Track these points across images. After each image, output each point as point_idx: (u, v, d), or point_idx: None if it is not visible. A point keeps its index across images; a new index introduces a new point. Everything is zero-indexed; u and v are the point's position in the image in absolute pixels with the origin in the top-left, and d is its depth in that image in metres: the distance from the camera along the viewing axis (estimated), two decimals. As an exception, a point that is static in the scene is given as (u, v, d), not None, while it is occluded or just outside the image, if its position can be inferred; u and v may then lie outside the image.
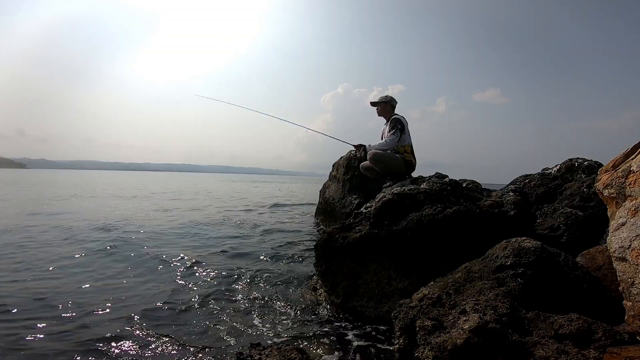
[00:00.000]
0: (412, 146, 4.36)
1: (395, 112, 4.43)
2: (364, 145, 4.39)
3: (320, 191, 8.09)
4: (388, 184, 4.35)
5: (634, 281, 1.58)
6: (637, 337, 1.55)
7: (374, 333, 2.75)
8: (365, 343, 2.61)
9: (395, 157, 4.28)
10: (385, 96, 4.42)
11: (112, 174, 75.89)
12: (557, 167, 4.94)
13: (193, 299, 3.41)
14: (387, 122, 4.36)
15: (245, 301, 3.42)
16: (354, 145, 4.43)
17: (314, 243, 3.58)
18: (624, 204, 1.69)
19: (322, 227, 7.14)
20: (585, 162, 4.71)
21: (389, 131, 4.23)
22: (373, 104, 4.51)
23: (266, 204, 12.64)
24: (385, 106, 4.40)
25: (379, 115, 4.47)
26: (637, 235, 1.57)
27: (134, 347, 2.48)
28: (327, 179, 7.88)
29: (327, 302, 3.26)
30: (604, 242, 2.58)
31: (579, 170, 4.65)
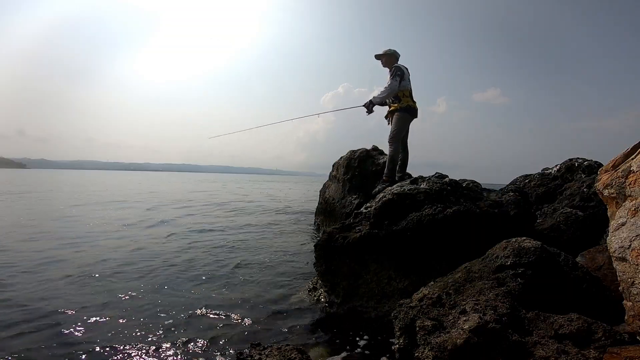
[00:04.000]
0: (410, 91, 4.57)
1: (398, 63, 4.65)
2: (370, 99, 4.54)
3: (320, 191, 8.08)
4: (381, 186, 4.34)
5: (634, 281, 1.58)
6: (637, 337, 1.55)
7: (373, 333, 2.75)
8: (365, 343, 2.61)
9: (396, 148, 4.49)
10: (389, 49, 4.63)
11: (112, 174, 75.99)
12: (557, 167, 4.94)
13: (192, 299, 3.41)
14: (389, 71, 4.59)
15: (245, 301, 3.42)
16: (363, 105, 4.55)
17: (314, 243, 3.58)
18: (624, 204, 1.69)
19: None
20: (585, 162, 4.72)
21: (390, 77, 4.43)
22: (377, 56, 4.68)
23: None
24: (389, 58, 4.59)
25: (383, 67, 4.66)
26: (637, 235, 1.57)
27: (135, 348, 2.48)
28: (327, 179, 7.88)
29: (327, 302, 3.26)
30: (604, 242, 2.58)
31: (579, 170, 4.65)
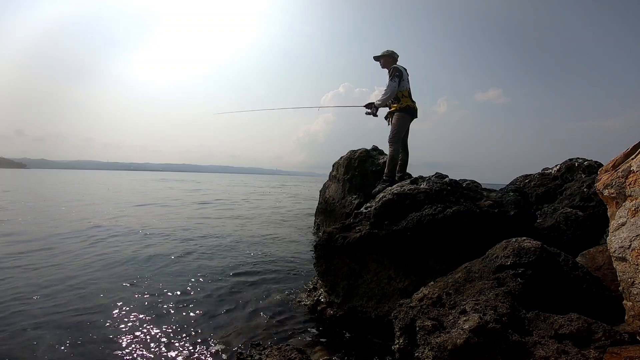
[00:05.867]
0: (409, 91, 4.59)
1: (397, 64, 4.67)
2: (373, 102, 4.58)
3: (320, 191, 8.08)
4: (381, 186, 4.34)
5: (634, 281, 1.57)
6: (637, 337, 1.55)
7: (373, 333, 2.75)
8: (365, 343, 2.61)
9: (397, 149, 4.49)
10: (387, 50, 4.65)
11: (111, 174, 76.08)
12: (557, 167, 4.94)
13: (192, 300, 3.41)
14: (388, 72, 4.60)
15: (244, 301, 3.42)
16: (364, 106, 4.58)
17: (314, 243, 3.58)
18: (624, 204, 1.69)
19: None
20: (585, 162, 4.71)
21: (389, 79, 4.45)
22: (376, 58, 4.70)
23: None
24: (388, 59, 4.62)
25: (382, 68, 4.67)
26: (637, 235, 1.57)
27: (136, 346, 2.48)
28: (327, 179, 7.88)
29: (327, 302, 3.25)
30: (604, 242, 2.58)
31: (579, 170, 4.65)
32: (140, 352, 2.41)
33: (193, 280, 3.98)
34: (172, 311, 3.11)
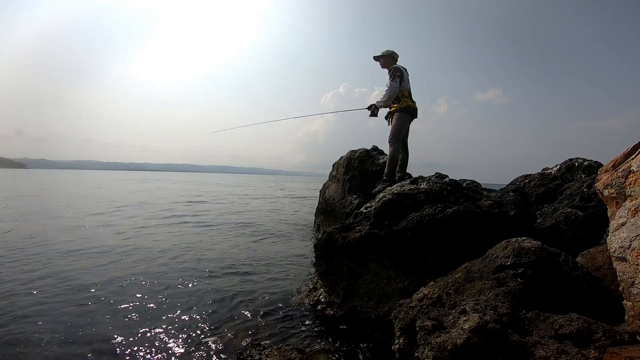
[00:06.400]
0: (409, 91, 4.59)
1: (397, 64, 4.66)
2: (374, 104, 4.60)
3: (320, 191, 8.08)
4: (381, 186, 4.34)
5: (634, 281, 1.58)
6: (637, 337, 1.55)
7: (373, 333, 2.75)
8: (365, 343, 2.61)
9: (397, 149, 4.50)
10: (387, 50, 4.65)
11: (111, 174, 76.12)
12: (557, 167, 4.94)
13: (191, 300, 3.41)
14: (389, 72, 4.59)
15: (244, 301, 3.41)
16: (366, 108, 4.60)
17: (314, 243, 3.58)
18: (624, 204, 1.69)
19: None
20: (585, 162, 4.71)
21: (390, 79, 4.44)
22: (376, 58, 4.69)
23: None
24: (388, 59, 4.61)
25: (382, 68, 4.67)
26: (637, 235, 1.57)
27: (133, 346, 2.48)
28: (327, 179, 7.87)
29: (327, 302, 3.25)
30: (604, 242, 2.58)
31: (579, 170, 4.65)
32: (138, 353, 2.41)
33: (191, 280, 3.98)
34: (170, 311, 3.11)
